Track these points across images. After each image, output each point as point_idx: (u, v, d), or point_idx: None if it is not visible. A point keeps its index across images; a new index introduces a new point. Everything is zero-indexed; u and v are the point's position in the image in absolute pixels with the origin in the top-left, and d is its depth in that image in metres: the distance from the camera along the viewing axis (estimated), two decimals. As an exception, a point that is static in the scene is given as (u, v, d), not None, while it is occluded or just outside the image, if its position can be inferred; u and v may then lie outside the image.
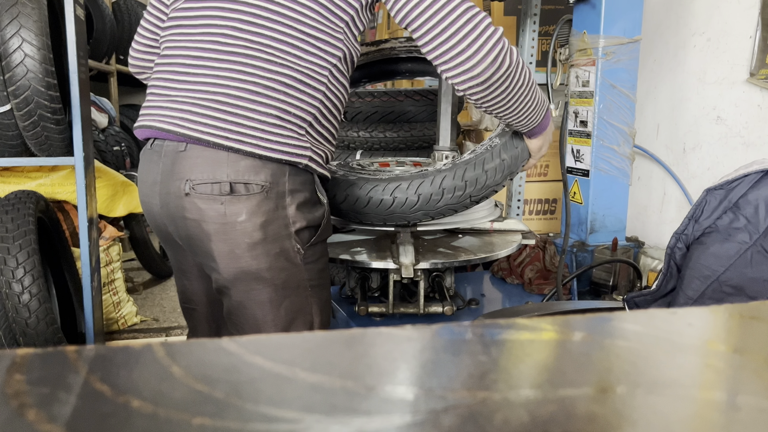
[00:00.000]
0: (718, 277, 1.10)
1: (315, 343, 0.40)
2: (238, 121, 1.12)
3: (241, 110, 1.12)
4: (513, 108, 1.25)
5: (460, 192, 1.41)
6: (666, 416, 0.33)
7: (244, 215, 1.13)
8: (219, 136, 1.11)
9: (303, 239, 1.20)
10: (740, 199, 1.11)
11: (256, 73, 1.12)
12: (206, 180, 1.12)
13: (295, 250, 1.19)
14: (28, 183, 2.56)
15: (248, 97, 1.12)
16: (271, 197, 1.14)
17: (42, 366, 0.36)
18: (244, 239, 1.14)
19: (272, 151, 1.12)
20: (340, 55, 1.18)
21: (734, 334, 0.45)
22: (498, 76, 1.15)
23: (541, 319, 0.44)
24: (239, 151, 1.11)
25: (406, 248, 1.52)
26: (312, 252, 1.23)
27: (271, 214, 1.15)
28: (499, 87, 1.18)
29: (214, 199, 1.13)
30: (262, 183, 1.13)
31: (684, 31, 2.33)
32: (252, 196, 1.13)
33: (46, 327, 2.00)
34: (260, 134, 1.12)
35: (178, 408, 0.31)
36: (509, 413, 0.32)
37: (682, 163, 2.38)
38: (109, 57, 4.23)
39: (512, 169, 1.46)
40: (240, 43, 1.13)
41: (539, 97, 1.31)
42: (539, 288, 2.04)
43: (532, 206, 2.75)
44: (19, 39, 1.90)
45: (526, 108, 1.28)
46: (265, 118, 1.12)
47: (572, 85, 2.17)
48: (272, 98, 1.13)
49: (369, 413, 0.32)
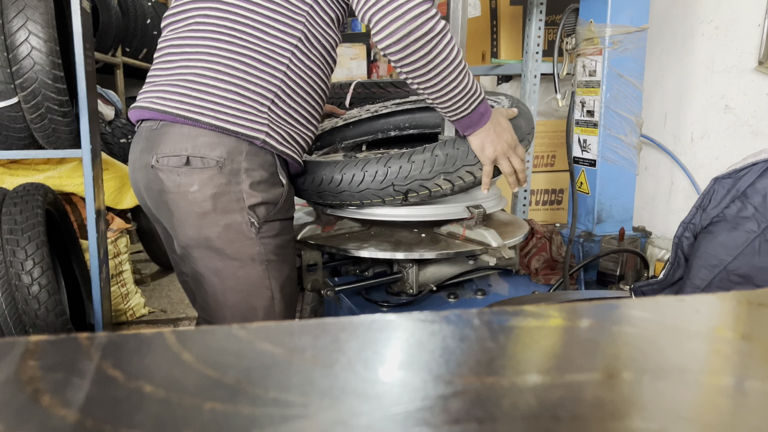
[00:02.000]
0: (725, 267, 1.10)
1: (324, 329, 0.40)
2: (201, 96, 1.23)
3: (205, 86, 1.23)
4: (433, 83, 1.24)
5: (381, 178, 1.43)
6: (673, 401, 0.33)
7: (195, 186, 1.23)
8: (182, 109, 1.23)
9: (259, 214, 1.28)
10: (748, 188, 1.10)
11: (220, 54, 1.24)
12: (168, 153, 1.24)
13: (248, 224, 1.27)
14: (36, 175, 2.57)
15: (211, 75, 1.23)
16: (224, 172, 1.23)
17: (55, 352, 0.36)
18: (194, 208, 1.25)
19: (228, 123, 1.22)
20: (300, 36, 1.26)
21: (742, 321, 0.45)
22: (415, 38, 1.17)
23: (548, 307, 0.44)
24: (198, 122, 1.22)
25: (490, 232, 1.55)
26: (269, 227, 1.30)
27: (223, 188, 1.24)
28: (416, 52, 1.19)
29: (172, 170, 1.24)
30: (216, 158, 1.22)
31: (692, 19, 2.31)
32: (206, 169, 1.23)
33: (56, 318, 2.02)
34: (219, 107, 1.22)
35: (190, 393, 0.32)
36: (517, 398, 0.32)
37: (690, 152, 2.37)
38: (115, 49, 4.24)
39: (447, 168, 1.40)
40: (209, 29, 1.25)
41: (469, 84, 1.29)
42: (546, 278, 2.04)
43: (539, 196, 2.75)
44: (25, 32, 1.90)
45: (449, 88, 1.26)
46: (225, 94, 1.23)
47: (579, 75, 2.16)
48: (233, 76, 1.23)
49: (378, 398, 0.32)
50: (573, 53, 2.18)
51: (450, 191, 1.46)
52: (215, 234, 1.26)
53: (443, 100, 1.29)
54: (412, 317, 0.42)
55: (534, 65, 2.45)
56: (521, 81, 2.53)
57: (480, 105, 1.33)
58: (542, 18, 2.43)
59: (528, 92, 2.48)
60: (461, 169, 1.42)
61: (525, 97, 2.49)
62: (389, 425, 0.30)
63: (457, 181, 1.43)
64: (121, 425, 0.29)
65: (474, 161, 1.42)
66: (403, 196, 1.44)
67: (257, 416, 0.30)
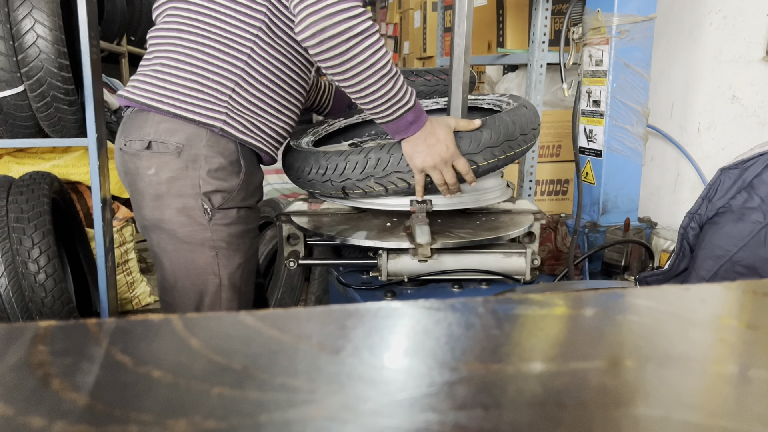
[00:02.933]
0: (731, 257, 1.10)
1: (330, 316, 0.40)
2: (163, 85, 1.29)
3: (167, 76, 1.29)
4: (351, 83, 1.23)
5: (322, 172, 1.48)
6: (677, 389, 0.33)
7: (153, 169, 1.29)
8: (147, 98, 1.29)
9: (214, 201, 1.31)
10: (755, 178, 1.10)
11: (183, 44, 1.29)
12: (135, 138, 1.30)
13: (201, 209, 1.30)
14: (42, 164, 2.58)
15: (173, 65, 1.29)
16: (182, 158, 1.28)
17: (64, 338, 0.37)
18: (149, 190, 1.31)
19: (186, 111, 1.27)
20: (261, 26, 1.29)
21: (747, 310, 0.45)
22: (329, 35, 1.17)
23: (553, 295, 0.44)
24: (159, 110, 1.28)
25: (422, 228, 1.50)
26: (223, 215, 1.33)
27: (179, 173, 1.28)
28: (331, 49, 1.18)
29: (135, 154, 1.31)
30: (176, 144, 1.27)
31: (700, 8, 2.29)
32: (164, 154, 1.28)
33: (62, 306, 2.03)
34: (178, 96, 1.27)
35: (198, 378, 0.32)
36: (522, 384, 0.32)
37: (696, 143, 2.36)
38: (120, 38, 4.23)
39: (377, 172, 1.42)
40: (176, 20, 1.30)
41: (394, 90, 1.27)
42: (551, 268, 2.04)
43: (544, 187, 2.74)
44: (31, 20, 1.90)
45: (368, 91, 1.24)
46: (185, 83, 1.28)
47: (585, 65, 2.15)
48: (193, 65, 1.28)
49: (384, 384, 0.33)
50: (579, 43, 2.17)
51: (385, 193, 1.47)
52: (168, 216, 1.31)
53: (363, 102, 1.28)
54: (417, 305, 0.42)
55: (540, 55, 2.44)
56: (527, 70, 2.52)
57: (407, 113, 1.30)
58: (549, 7, 2.42)
59: (534, 82, 2.47)
60: (392, 175, 1.43)
61: (531, 87, 2.48)
62: (395, 411, 0.30)
63: (390, 186, 1.45)
64: (130, 409, 0.29)
65: (406, 169, 1.41)
66: (342, 192, 1.48)
67: (265, 401, 0.30)
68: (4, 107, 2.01)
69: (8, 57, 1.93)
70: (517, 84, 2.78)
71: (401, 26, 5.74)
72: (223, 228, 1.33)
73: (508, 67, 3.19)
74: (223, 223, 1.33)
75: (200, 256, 1.34)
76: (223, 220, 1.33)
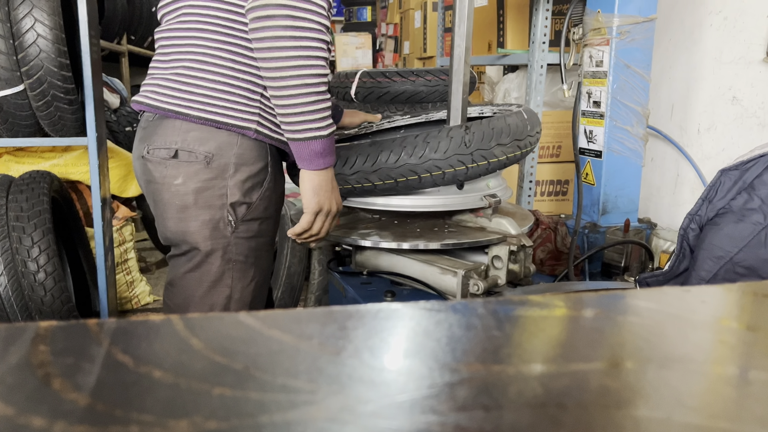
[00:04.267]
0: (731, 258, 1.10)
1: (331, 317, 0.40)
2: (191, 89, 1.22)
3: (194, 80, 1.23)
4: (273, 66, 1.13)
5: None
6: (678, 390, 0.33)
7: (180, 179, 1.23)
8: (173, 104, 1.23)
9: (238, 213, 1.26)
10: (755, 179, 1.10)
11: (207, 45, 1.22)
12: (159, 146, 1.24)
13: (226, 222, 1.25)
14: (42, 163, 2.58)
15: (199, 68, 1.22)
16: (212, 167, 1.22)
17: (65, 338, 0.37)
18: (175, 201, 1.25)
19: (219, 115, 1.21)
20: None
21: (747, 312, 0.45)
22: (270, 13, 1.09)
23: (554, 296, 0.45)
24: (188, 116, 1.21)
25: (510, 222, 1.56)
26: (246, 228, 1.27)
27: (208, 183, 1.23)
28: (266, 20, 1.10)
29: (160, 162, 1.24)
30: (205, 153, 1.22)
31: (700, 9, 2.29)
32: (193, 163, 1.22)
33: (61, 305, 2.03)
34: (209, 100, 1.21)
35: (199, 378, 0.32)
36: (523, 386, 0.32)
37: (697, 144, 2.36)
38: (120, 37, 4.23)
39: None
40: (194, 18, 1.23)
41: (318, 107, 1.17)
42: (551, 269, 2.04)
43: (544, 187, 2.74)
44: (31, 19, 1.90)
45: (290, 86, 1.14)
46: (213, 85, 1.22)
47: (586, 65, 2.15)
48: (220, 66, 1.22)
49: (385, 385, 0.33)
50: (580, 43, 2.17)
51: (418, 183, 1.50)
52: (193, 228, 1.25)
53: (278, 93, 1.16)
54: (418, 306, 0.42)
55: (540, 55, 2.44)
56: (527, 71, 2.52)
57: (316, 141, 1.19)
58: (549, 8, 2.42)
59: (534, 82, 2.47)
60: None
61: (531, 88, 2.48)
62: (396, 412, 0.30)
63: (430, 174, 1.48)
64: (131, 409, 0.29)
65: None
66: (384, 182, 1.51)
67: (265, 402, 0.30)
68: (4, 106, 2.01)
69: (8, 56, 1.93)
70: (518, 84, 2.78)
71: (401, 26, 5.75)
72: (243, 242, 1.28)
73: (508, 68, 3.19)
74: (245, 237, 1.28)
75: (214, 267, 1.28)
76: (245, 233, 1.28)
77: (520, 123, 1.54)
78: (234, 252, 1.27)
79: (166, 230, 1.29)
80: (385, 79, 2.17)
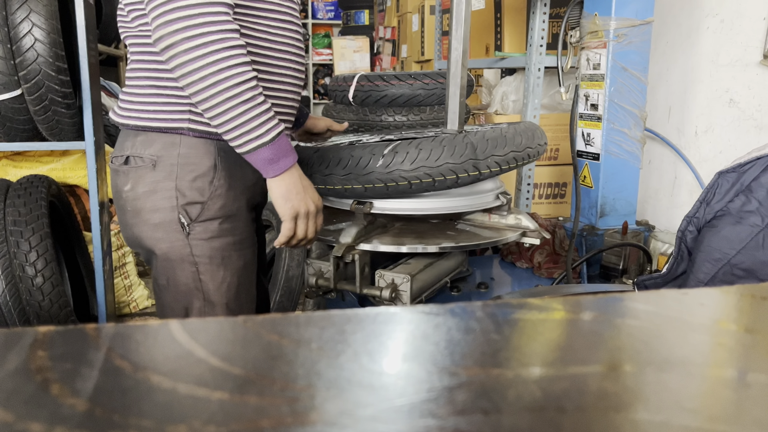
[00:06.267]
0: (729, 260, 1.10)
1: (330, 321, 0.40)
2: (129, 99, 1.24)
3: (129, 88, 1.25)
4: (193, 90, 1.09)
5: None
6: (677, 393, 0.33)
7: (129, 185, 1.23)
8: (118, 115, 1.26)
9: (191, 214, 1.22)
10: (753, 182, 1.10)
11: (135, 51, 1.22)
12: (116, 154, 1.26)
13: (178, 224, 1.22)
14: (40, 167, 2.58)
15: (132, 75, 1.24)
16: (159, 169, 1.21)
17: (63, 343, 0.36)
18: (127, 207, 1.25)
19: (150, 120, 1.21)
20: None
21: (746, 314, 0.46)
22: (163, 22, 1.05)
23: (552, 300, 0.45)
24: (129, 126, 1.23)
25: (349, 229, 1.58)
26: (203, 229, 1.23)
27: (155, 185, 1.21)
28: (168, 50, 1.06)
29: (115, 171, 1.26)
30: (150, 156, 1.21)
31: (697, 12, 2.30)
32: (141, 167, 1.22)
33: (59, 310, 2.03)
34: (140, 107, 1.22)
35: (198, 383, 0.32)
36: (522, 389, 0.32)
37: (694, 146, 2.37)
38: (118, 41, 4.23)
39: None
40: (127, 27, 1.23)
41: (250, 115, 1.11)
42: (549, 272, 2.04)
43: (542, 190, 2.75)
44: (29, 23, 1.90)
45: (215, 105, 1.09)
46: (142, 90, 1.22)
47: (583, 68, 2.15)
48: (146, 70, 1.21)
49: (384, 389, 0.33)
50: (577, 46, 2.17)
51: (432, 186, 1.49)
52: (146, 233, 1.24)
53: (209, 116, 1.12)
54: (416, 310, 0.42)
55: (538, 58, 2.44)
56: (525, 74, 2.53)
57: (262, 150, 1.14)
58: (546, 11, 2.42)
59: (531, 85, 2.47)
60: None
61: (529, 91, 2.49)
62: (395, 416, 0.30)
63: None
64: (129, 414, 0.29)
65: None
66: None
67: (264, 406, 0.30)
68: (1, 110, 2.01)
69: (6, 60, 1.93)
70: (515, 87, 2.79)
71: (399, 29, 5.75)
72: (203, 243, 1.23)
73: (506, 71, 3.20)
74: (203, 238, 1.23)
75: (181, 273, 1.25)
76: (203, 234, 1.23)
77: None
78: (194, 254, 1.24)
79: (126, 238, 1.29)
80: (382, 82, 2.17)
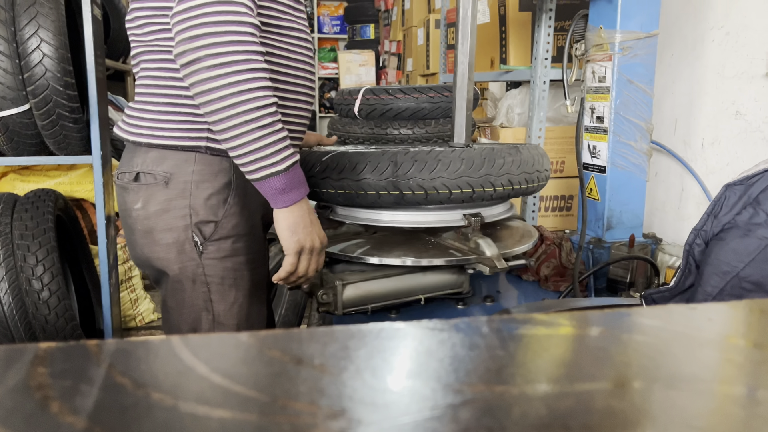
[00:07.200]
0: (737, 273, 1.09)
1: (332, 337, 0.40)
2: (141, 116, 1.20)
3: (142, 105, 1.21)
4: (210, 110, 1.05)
5: None
6: (685, 410, 0.32)
7: (140, 203, 1.19)
8: (128, 132, 1.22)
9: (205, 233, 1.19)
10: (760, 194, 1.10)
11: (148, 67, 1.19)
12: (124, 170, 1.22)
13: (192, 243, 1.19)
14: (47, 181, 2.59)
15: (145, 92, 1.20)
16: (172, 187, 1.17)
17: (64, 359, 0.36)
18: (137, 225, 1.21)
19: (167, 138, 1.17)
20: None
21: (754, 329, 0.45)
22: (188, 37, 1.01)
23: (558, 315, 0.44)
24: (141, 144, 1.19)
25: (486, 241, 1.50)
26: (216, 248, 1.20)
27: (168, 204, 1.18)
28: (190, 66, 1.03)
29: (123, 187, 1.22)
30: (163, 173, 1.17)
31: (702, 25, 2.30)
32: (152, 185, 1.18)
33: (65, 323, 2.03)
34: (155, 124, 1.18)
35: (199, 401, 0.32)
36: (527, 407, 0.32)
37: (701, 158, 2.36)
38: (125, 56, 4.26)
39: None
40: (141, 41, 1.20)
41: (264, 132, 1.06)
42: (555, 285, 2.03)
43: (548, 203, 2.74)
44: (37, 39, 1.92)
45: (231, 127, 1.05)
46: (158, 108, 1.18)
47: (588, 81, 2.15)
48: (163, 87, 1.17)
49: (387, 407, 0.32)
50: (582, 59, 2.17)
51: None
52: (158, 254, 1.20)
53: (223, 138, 1.08)
54: (421, 325, 0.42)
55: (543, 71, 2.45)
56: (530, 87, 2.53)
57: (274, 179, 1.10)
58: (551, 24, 2.43)
59: (537, 98, 2.47)
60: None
61: (534, 104, 2.49)
62: (398, 434, 0.29)
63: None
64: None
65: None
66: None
67: (265, 425, 0.30)
68: (9, 125, 2.02)
69: (14, 75, 1.94)
70: (521, 100, 2.79)
71: (404, 43, 5.78)
72: (216, 263, 1.21)
73: (511, 84, 3.20)
74: (216, 257, 1.21)
75: (192, 294, 1.22)
76: (217, 254, 1.20)
77: None
78: (206, 274, 1.21)
79: (135, 258, 1.25)
80: (388, 96, 2.18)
